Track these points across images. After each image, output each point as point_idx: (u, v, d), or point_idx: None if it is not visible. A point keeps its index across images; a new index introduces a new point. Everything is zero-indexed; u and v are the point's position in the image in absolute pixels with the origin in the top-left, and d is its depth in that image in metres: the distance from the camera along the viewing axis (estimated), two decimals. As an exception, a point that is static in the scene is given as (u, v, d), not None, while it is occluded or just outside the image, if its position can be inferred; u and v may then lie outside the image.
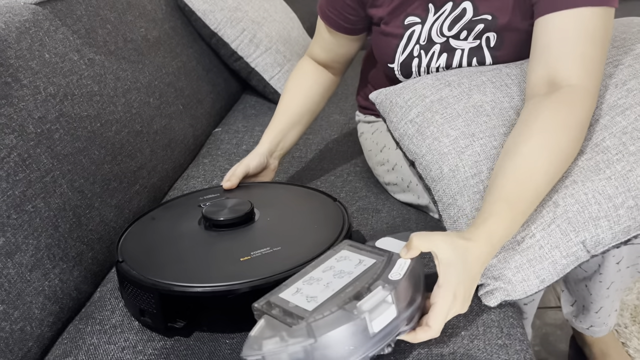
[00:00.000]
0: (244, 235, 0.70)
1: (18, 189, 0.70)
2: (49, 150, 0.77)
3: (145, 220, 0.77)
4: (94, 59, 0.93)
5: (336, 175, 1.03)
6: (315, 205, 0.78)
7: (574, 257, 0.64)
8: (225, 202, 0.75)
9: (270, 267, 0.62)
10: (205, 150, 1.20)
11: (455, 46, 0.81)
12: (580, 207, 0.64)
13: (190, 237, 0.71)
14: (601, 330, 1.02)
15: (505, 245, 0.64)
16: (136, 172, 0.95)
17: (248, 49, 1.37)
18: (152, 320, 0.64)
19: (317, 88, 0.96)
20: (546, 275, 0.63)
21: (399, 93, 0.82)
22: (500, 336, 0.62)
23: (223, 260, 0.65)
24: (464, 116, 0.74)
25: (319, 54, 0.96)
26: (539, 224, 0.64)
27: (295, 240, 0.68)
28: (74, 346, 0.66)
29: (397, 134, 0.81)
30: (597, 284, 0.93)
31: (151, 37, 1.14)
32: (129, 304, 0.68)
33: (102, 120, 0.89)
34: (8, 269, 0.66)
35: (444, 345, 0.61)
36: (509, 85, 0.76)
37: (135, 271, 0.64)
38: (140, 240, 0.72)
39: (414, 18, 0.81)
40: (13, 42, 0.77)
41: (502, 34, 0.78)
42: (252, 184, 0.87)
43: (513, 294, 0.64)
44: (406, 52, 0.83)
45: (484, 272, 0.65)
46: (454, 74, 0.80)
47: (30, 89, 0.77)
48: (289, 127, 0.92)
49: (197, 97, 1.26)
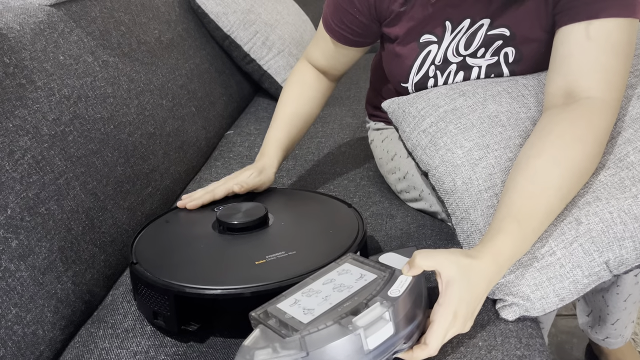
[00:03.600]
0: (258, 239, 0.70)
1: (32, 191, 0.70)
2: (62, 152, 0.76)
3: (159, 223, 0.77)
4: (107, 61, 0.93)
5: (349, 179, 1.02)
6: (330, 210, 0.77)
7: (596, 276, 0.62)
8: (239, 206, 0.75)
9: (285, 271, 0.61)
10: (218, 152, 1.19)
11: (472, 64, 0.79)
12: (605, 226, 0.61)
13: (204, 240, 0.70)
14: (617, 342, 1.00)
15: (523, 261, 0.62)
16: (149, 174, 0.94)
17: (261, 52, 1.36)
18: (165, 322, 0.64)
19: (315, 95, 0.91)
20: (566, 294, 0.62)
21: (412, 102, 0.80)
22: (519, 347, 0.61)
23: (238, 263, 0.64)
24: (479, 127, 0.72)
25: (319, 60, 0.91)
26: (559, 242, 0.62)
27: (310, 245, 0.67)
28: (85, 350, 0.65)
29: (409, 144, 0.79)
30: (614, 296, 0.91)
31: (164, 39, 1.14)
32: (142, 306, 0.67)
33: (115, 122, 0.89)
34: (21, 272, 0.66)
35: (462, 357, 0.59)
36: (525, 95, 0.74)
37: (150, 273, 0.63)
38: (154, 242, 0.71)
39: (430, 36, 0.78)
40: (28, 43, 0.77)
41: (520, 48, 0.76)
42: (266, 190, 0.86)
43: (531, 311, 0.62)
44: (421, 73, 0.80)
45: (501, 289, 0.63)
46: (468, 84, 0.78)
47: (44, 91, 0.77)
48: (288, 140, 0.88)
49: (209, 99, 1.25)
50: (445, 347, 0.61)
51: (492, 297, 0.65)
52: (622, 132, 0.67)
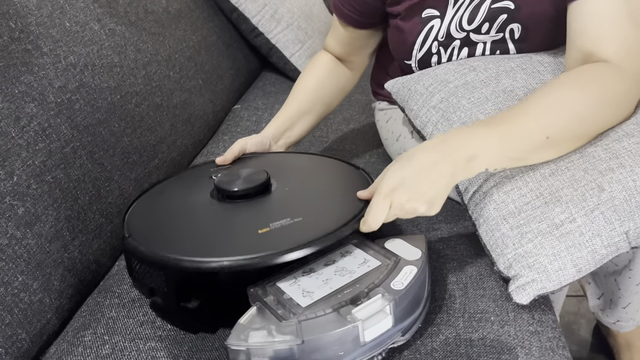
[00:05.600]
0: (260, 206, 0.65)
1: (38, 159, 0.69)
2: (69, 121, 0.75)
3: (152, 193, 0.72)
4: (114, 29, 0.91)
5: (358, 156, 1.01)
6: (337, 173, 0.73)
7: (614, 247, 0.60)
8: (238, 171, 0.70)
9: (291, 239, 0.56)
10: (225, 126, 1.18)
11: (476, 40, 0.76)
12: (628, 194, 0.60)
13: (202, 209, 0.66)
14: (628, 325, 0.99)
15: (542, 229, 0.61)
16: (156, 146, 0.93)
17: (269, 25, 1.34)
18: (162, 299, 0.59)
19: (332, 79, 0.90)
20: (584, 264, 0.60)
21: (417, 80, 0.78)
22: (531, 322, 0.60)
23: (239, 233, 0.59)
24: (494, 100, 0.70)
25: (334, 47, 0.91)
26: (580, 208, 0.61)
27: (317, 210, 0.62)
28: (92, 319, 0.65)
29: (418, 122, 0.76)
30: (626, 280, 0.90)
31: (172, 10, 1.12)
32: (138, 282, 0.63)
33: (122, 92, 0.88)
34: (27, 240, 0.65)
35: (473, 331, 0.59)
36: (541, 72, 0.72)
37: (143, 246, 0.58)
38: (148, 214, 0.66)
39: (432, 11, 0.75)
40: (34, 8, 0.75)
41: (527, 24, 0.73)
42: (267, 154, 0.81)
43: (547, 285, 0.60)
44: (424, 49, 0.78)
45: (518, 260, 0.61)
46: (478, 59, 0.76)
47: (50, 57, 0.75)
48: (298, 115, 0.86)
49: (217, 72, 1.23)
50: (457, 322, 0.60)
51: (507, 274, 0.63)
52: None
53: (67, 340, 0.63)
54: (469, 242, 0.73)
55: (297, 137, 0.88)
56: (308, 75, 0.91)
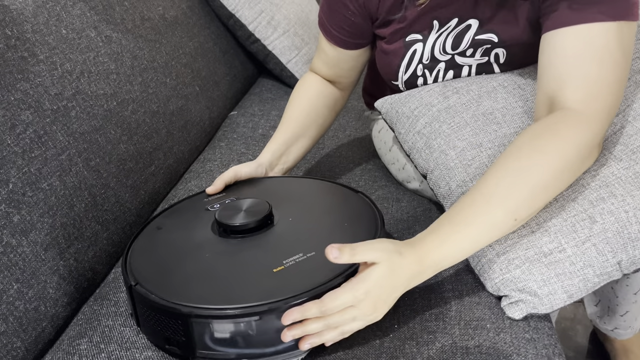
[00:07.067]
0: (267, 241, 0.62)
1: (34, 166, 0.69)
2: (65, 128, 0.75)
3: (150, 231, 0.68)
4: (111, 36, 0.91)
5: (354, 163, 1.01)
6: (337, 199, 0.71)
7: (607, 276, 0.60)
8: (237, 203, 0.67)
9: (310, 278, 0.55)
10: (221, 133, 1.18)
11: (461, 63, 0.76)
12: (620, 226, 0.59)
13: (207, 247, 0.62)
14: (626, 333, 0.99)
15: (530, 256, 0.60)
16: (152, 152, 0.93)
17: (266, 31, 1.34)
18: (180, 348, 0.56)
19: (322, 99, 0.87)
20: (575, 291, 0.60)
21: (404, 102, 0.78)
22: (527, 330, 0.60)
23: (254, 274, 0.57)
24: (472, 125, 0.70)
25: (322, 69, 0.88)
26: (570, 239, 0.60)
27: (327, 242, 0.58)
28: (88, 327, 0.65)
29: (406, 146, 0.77)
30: (624, 288, 0.90)
31: (169, 17, 1.12)
32: (150, 331, 0.59)
33: (118, 99, 0.88)
34: (23, 247, 0.65)
35: (469, 339, 0.59)
36: (522, 86, 0.72)
37: (155, 294, 0.55)
38: (151, 256, 0.63)
39: (415, 35, 0.75)
40: (30, 15, 0.75)
41: (511, 50, 0.73)
42: (259, 179, 0.78)
43: (539, 307, 0.60)
44: (409, 72, 0.78)
45: (506, 284, 0.61)
46: (462, 80, 0.76)
47: (46, 65, 0.75)
48: (293, 139, 0.83)
49: (213, 79, 1.23)
50: (453, 330, 0.60)
51: (497, 294, 0.63)
52: (633, 121, 0.64)
53: (62, 349, 0.62)
54: (465, 249, 0.73)
55: (292, 162, 0.85)
56: (299, 98, 0.88)
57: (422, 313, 0.63)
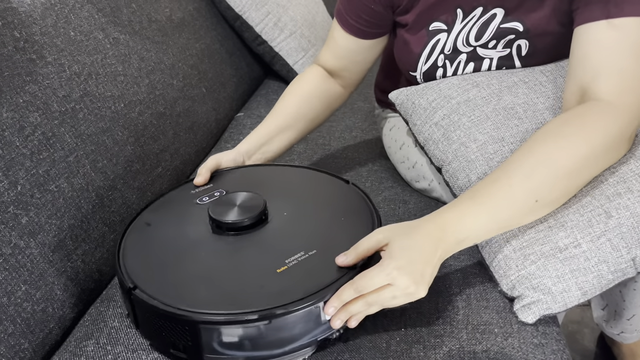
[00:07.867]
0: (265, 238, 0.61)
1: (42, 168, 0.69)
2: (72, 130, 0.75)
3: (138, 227, 0.65)
4: (118, 38, 0.91)
5: (361, 164, 1.01)
6: (329, 191, 0.70)
7: (621, 272, 0.60)
8: (230, 198, 0.65)
9: (316, 278, 0.54)
10: (228, 134, 1.18)
11: (483, 55, 0.76)
12: (636, 221, 0.59)
13: (202, 246, 0.61)
14: (632, 337, 0.99)
15: (545, 251, 0.60)
16: (159, 154, 0.93)
17: (272, 33, 1.34)
18: (187, 352, 0.55)
19: (318, 95, 0.86)
20: (589, 288, 0.60)
21: (421, 93, 0.77)
22: (535, 335, 0.59)
23: (258, 275, 0.55)
24: (493, 119, 0.70)
25: (329, 60, 0.87)
26: (586, 234, 0.60)
27: (327, 239, 0.59)
28: (95, 329, 0.65)
29: (421, 137, 0.76)
30: (631, 292, 0.89)
31: (175, 18, 1.12)
32: (153, 336, 0.58)
33: (125, 100, 0.88)
34: (31, 249, 0.65)
35: (477, 343, 0.58)
36: (543, 83, 0.72)
37: (158, 300, 0.53)
38: (145, 256, 0.60)
39: (439, 24, 0.75)
40: (38, 18, 0.76)
41: (534, 41, 0.73)
42: (244, 168, 0.76)
43: (553, 306, 0.60)
44: (430, 62, 0.78)
45: (521, 281, 0.61)
46: (482, 74, 0.76)
47: (55, 67, 0.75)
48: (277, 130, 0.83)
49: (220, 80, 1.24)
50: (461, 334, 0.60)
51: (511, 295, 0.63)
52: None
53: (69, 351, 0.63)
54: (472, 253, 0.72)
55: (274, 153, 0.84)
56: (292, 91, 0.87)
57: (430, 316, 0.62)
